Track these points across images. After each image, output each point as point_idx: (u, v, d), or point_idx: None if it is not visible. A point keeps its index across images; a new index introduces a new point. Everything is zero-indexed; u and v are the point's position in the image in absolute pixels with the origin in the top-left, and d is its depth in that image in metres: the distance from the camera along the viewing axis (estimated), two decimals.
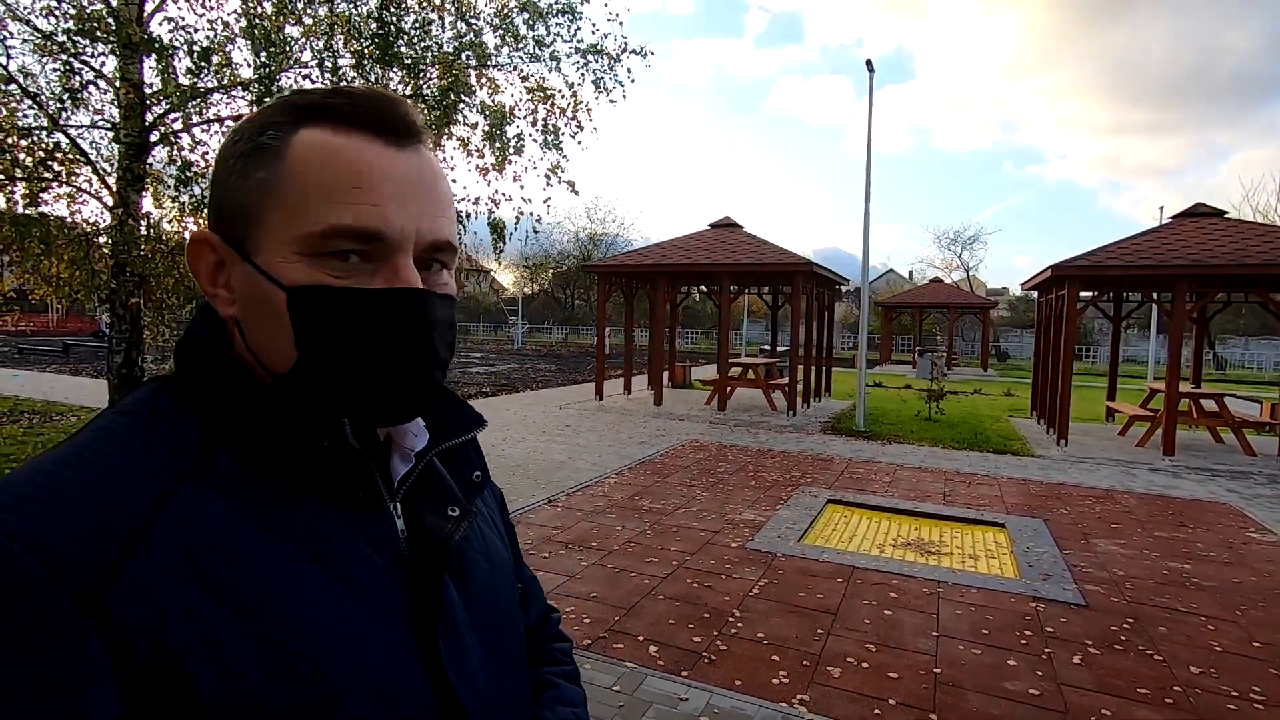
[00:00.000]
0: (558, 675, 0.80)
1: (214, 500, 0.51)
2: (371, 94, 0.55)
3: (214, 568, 0.48)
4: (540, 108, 6.12)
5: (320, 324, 0.52)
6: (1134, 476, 8.14)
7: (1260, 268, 8.44)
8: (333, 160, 0.53)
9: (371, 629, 0.53)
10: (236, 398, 0.54)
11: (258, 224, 0.54)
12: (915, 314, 28.80)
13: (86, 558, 0.45)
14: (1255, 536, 5.83)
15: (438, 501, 0.64)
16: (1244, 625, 3.99)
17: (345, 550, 0.54)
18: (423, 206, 0.55)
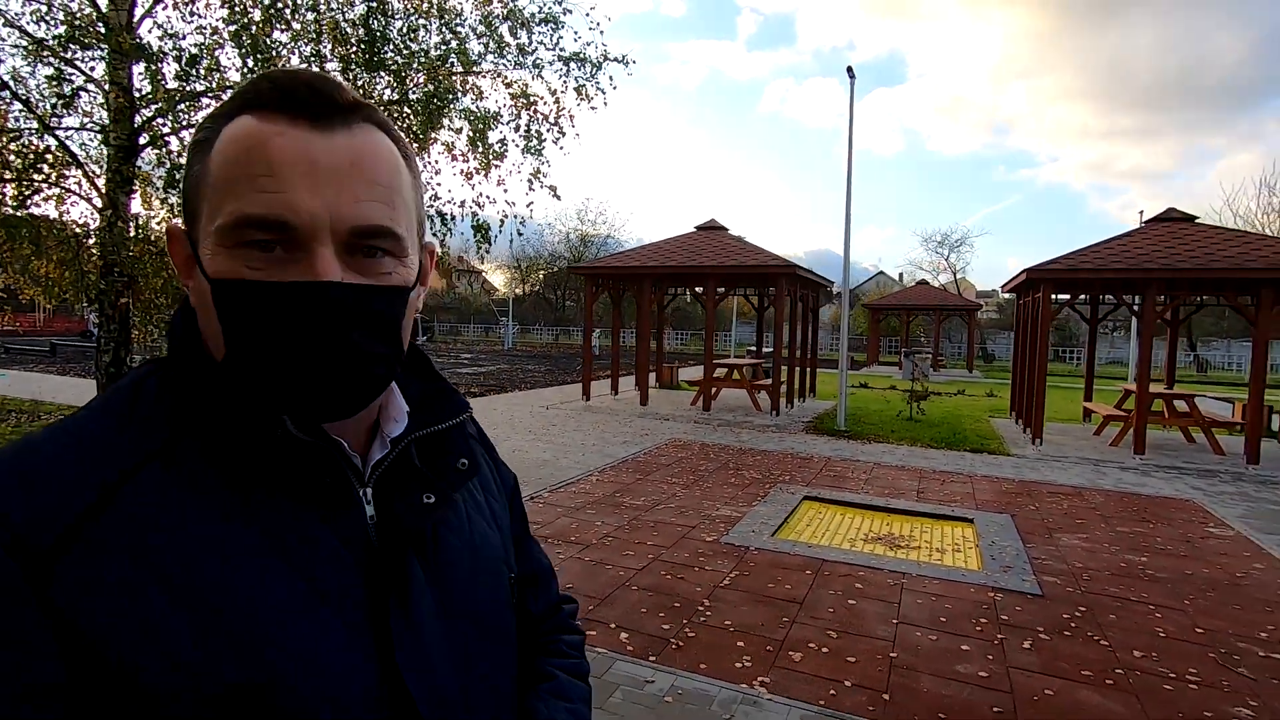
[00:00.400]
0: (559, 668, 0.77)
1: (172, 484, 0.51)
2: (293, 76, 0.53)
3: (162, 551, 0.48)
4: (523, 114, 6.28)
5: (236, 317, 0.52)
6: (1104, 474, 8.36)
7: (1226, 271, 8.69)
8: (245, 148, 0.51)
9: (322, 617, 0.53)
10: (199, 387, 0.55)
11: (196, 217, 0.54)
12: (902, 316, 29.09)
13: (39, 530, 0.46)
14: (1213, 531, 6.04)
15: (414, 488, 0.62)
16: (1190, 613, 4.18)
17: (303, 538, 0.54)
18: (344, 190, 0.52)
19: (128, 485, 0.50)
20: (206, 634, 0.48)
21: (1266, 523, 6.35)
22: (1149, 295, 9.25)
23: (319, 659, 0.51)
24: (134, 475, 0.50)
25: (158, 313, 6.78)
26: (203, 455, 0.53)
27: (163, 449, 0.52)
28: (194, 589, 0.48)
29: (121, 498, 0.49)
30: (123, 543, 0.48)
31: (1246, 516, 6.54)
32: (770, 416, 11.67)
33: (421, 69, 6.30)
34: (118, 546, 0.48)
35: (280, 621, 0.51)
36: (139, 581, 0.47)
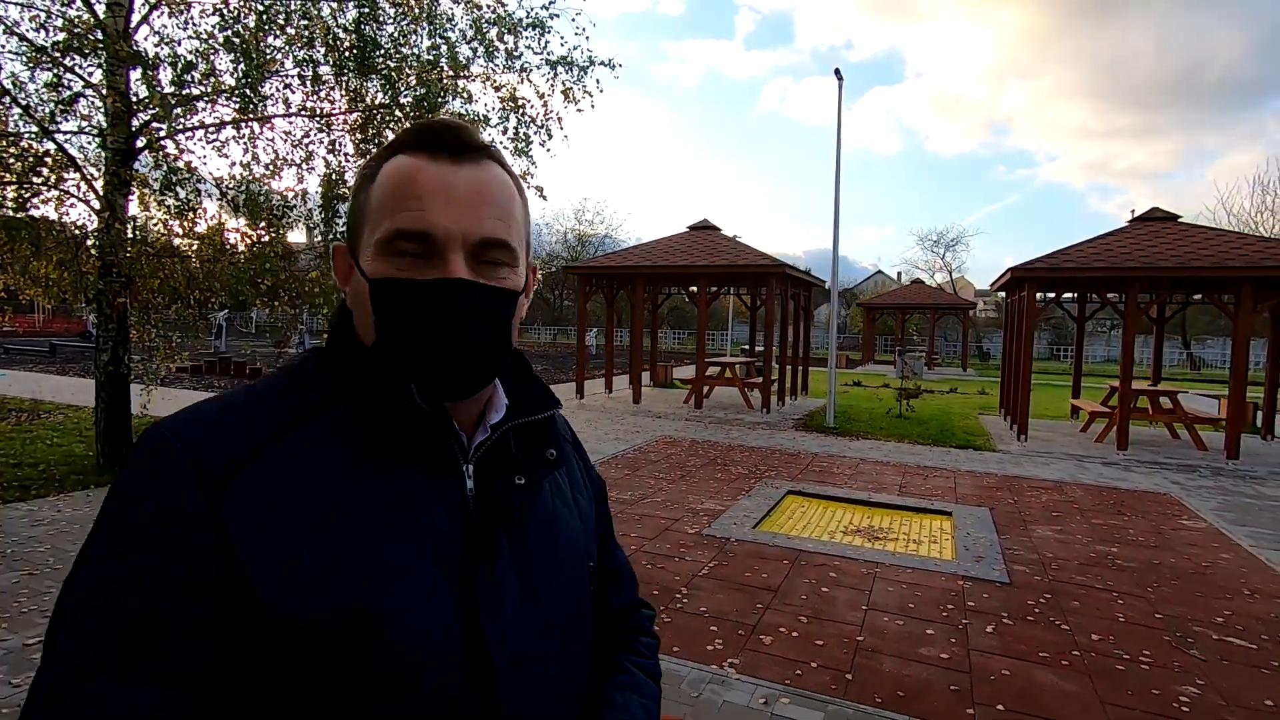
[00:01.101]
0: (635, 664, 0.84)
1: (320, 437, 0.64)
2: (437, 124, 0.68)
3: (304, 488, 0.61)
4: (512, 116, 6.42)
5: (386, 307, 0.65)
6: (1086, 469, 8.51)
7: (1206, 270, 8.84)
8: (399, 179, 0.66)
9: (425, 565, 0.63)
10: (348, 365, 0.68)
11: (359, 234, 0.68)
12: (897, 315, 29.23)
13: (215, 455, 0.60)
14: (1186, 523, 6.19)
15: (507, 470, 0.72)
16: (1151, 600, 4.33)
17: (417, 499, 0.65)
18: (472, 210, 0.66)
19: (287, 434, 0.63)
20: (331, 565, 0.59)
21: (1239, 515, 6.50)
22: (1131, 293, 9.40)
23: (420, 601, 0.61)
24: (291, 427, 0.63)
25: (156, 312, 6.93)
26: (346, 418, 0.66)
27: (314, 410, 0.65)
28: (326, 524, 0.60)
29: (280, 443, 0.62)
30: (275, 478, 0.60)
31: (1220, 509, 6.69)
32: (761, 414, 11.81)
33: (412, 72, 6.44)
34: (271, 480, 0.60)
35: (393, 564, 0.61)
36: (283, 510, 0.59)
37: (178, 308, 6.83)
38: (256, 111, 6.33)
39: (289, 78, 6.23)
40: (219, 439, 0.61)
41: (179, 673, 0.55)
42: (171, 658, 0.55)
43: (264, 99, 6.39)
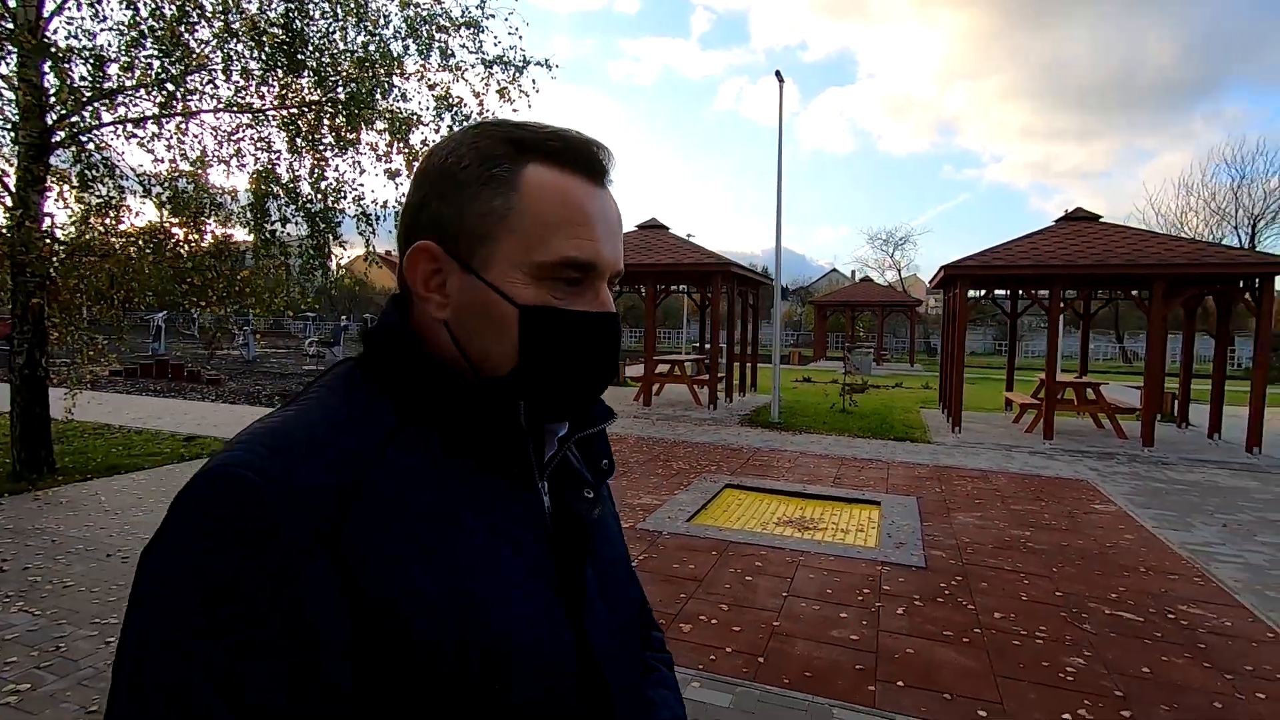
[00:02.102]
0: (657, 661, 0.87)
1: (411, 464, 0.58)
2: (581, 138, 0.64)
3: (415, 519, 0.56)
4: (446, 115, 6.39)
5: (545, 338, 0.62)
6: (1013, 459, 8.88)
7: (1121, 267, 9.31)
8: (564, 199, 0.61)
9: (532, 592, 0.61)
10: (429, 383, 0.62)
11: (489, 244, 0.61)
12: (847, 312, 29.89)
13: (323, 498, 0.52)
14: (1098, 508, 6.53)
15: (575, 483, 0.71)
16: (1055, 580, 4.58)
17: (510, 517, 0.62)
18: (617, 241, 0.65)
19: (380, 460, 0.57)
20: (456, 596, 0.55)
21: (1146, 499, 6.88)
22: (1054, 290, 9.84)
23: (537, 622, 0.60)
24: (382, 452, 0.57)
25: (77, 313, 6.68)
26: (428, 439, 0.61)
27: (394, 433, 0.59)
28: (444, 556, 0.56)
29: (377, 471, 0.56)
30: (385, 510, 0.55)
31: (1130, 494, 7.08)
32: (709, 410, 11.98)
33: (346, 69, 6.36)
34: (381, 513, 0.54)
35: (509, 589, 0.59)
36: (400, 545, 0.54)
37: (100, 308, 6.60)
38: (181, 105, 6.18)
39: (215, 72, 6.09)
40: (313, 473, 0.53)
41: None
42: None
43: (190, 93, 6.24)
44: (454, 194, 0.62)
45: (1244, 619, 4.03)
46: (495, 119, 0.66)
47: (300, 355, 23.13)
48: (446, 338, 0.63)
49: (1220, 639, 3.75)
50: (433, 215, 0.62)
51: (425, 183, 0.63)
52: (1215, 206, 32.84)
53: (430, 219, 0.63)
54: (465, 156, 0.62)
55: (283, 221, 6.50)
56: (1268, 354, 9.07)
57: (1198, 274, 9.10)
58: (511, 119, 0.65)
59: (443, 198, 0.62)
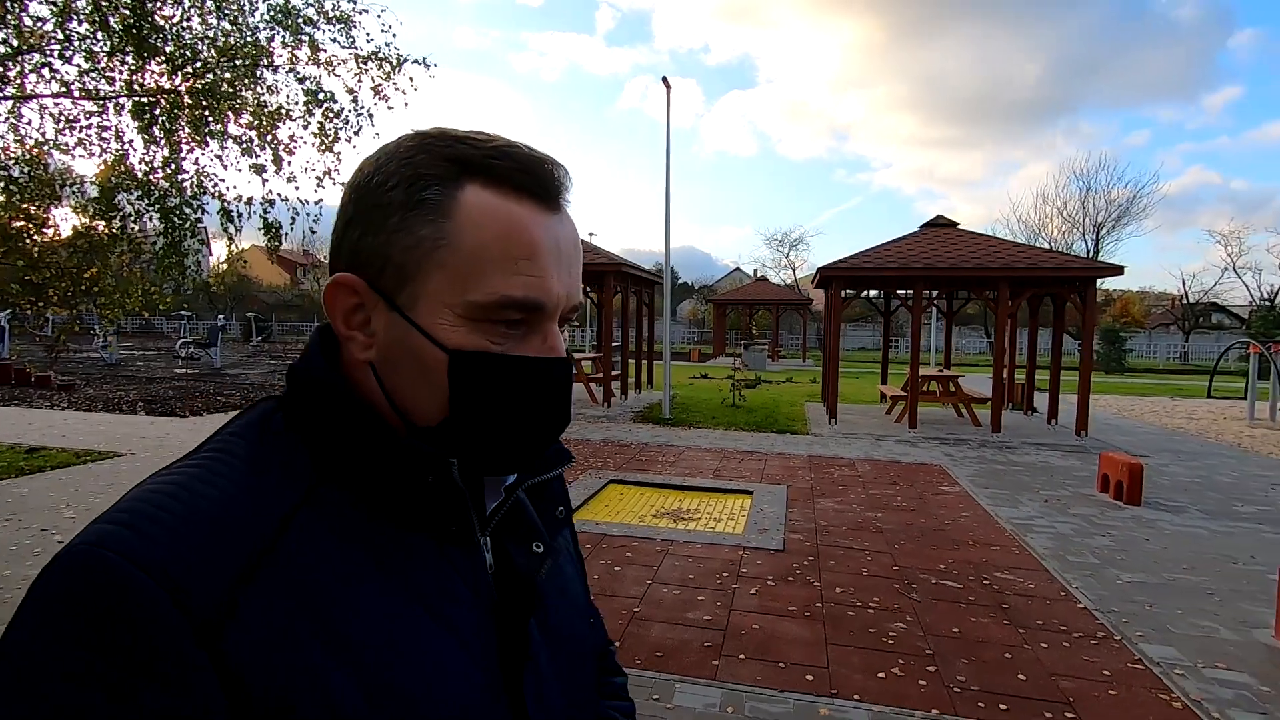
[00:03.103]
0: (616, 710, 0.80)
1: (323, 534, 0.51)
2: (531, 155, 0.55)
3: (322, 603, 0.49)
4: (316, 111, 6.22)
5: (479, 387, 0.53)
6: (879, 447, 9.60)
7: (973, 270, 10.25)
8: (506, 228, 0.52)
9: (464, 669, 0.54)
10: (352, 436, 0.54)
11: (416, 280, 0.53)
12: (744, 310, 30.98)
13: (206, 588, 0.44)
14: (944, 489, 7.21)
15: (524, 536, 0.63)
16: (895, 556, 5.06)
17: (441, 587, 0.55)
18: (572, 274, 0.56)
19: (285, 535, 0.49)
20: (371, 688, 0.48)
21: (987, 480, 7.65)
22: (916, 290, 10.70)
23: (465, 703, 0.53)
24: (289, 524, 0.50)
25: None
26: (345, 504, 0.53)
27: (308, 496, 0.52)
28: (355, 642, 0.49)
29: (280, 547, 0.49)
30: (285, 595, 0.47)
31: (974, 476, 7.84)
32: (602, 408, 12.18)
33: (204, 58, 6.05)
34: (281, 599, 0.47)
35: (435, 674, 0.52)
36: (304, 634, 0.47)
37: None
38: (14, 87, 5.68)
39: (51, 52, 5.64)
40: (198, 564, 0.45)
41: None
42: None
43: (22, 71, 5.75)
44: (378, 219, 0.53)
45: (1045, 581, 4.61)
46: (436, 128, 0.55)
47: (171, 357, 21.51)
48: (373, 381, 0.56)
49: (1021, 599, 4.29)
50: (355, 243, 0.54)
51: (349, 204, 0.55)
52: (1067, 215, 36.43)
53: (352, 247, 0.55)
54: (393, 175, 0.53)
55: (136, 216, 6.11)
56: (1090, 348, 10.24)
57: (1034, 277, 10.16)
58: (454, 129, 0.55)
59: (366, 223, 0.54)
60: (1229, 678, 3.37)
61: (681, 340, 43.06)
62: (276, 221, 6.01)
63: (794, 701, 3.07)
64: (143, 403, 11.73)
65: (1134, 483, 6.67)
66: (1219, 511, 6.53)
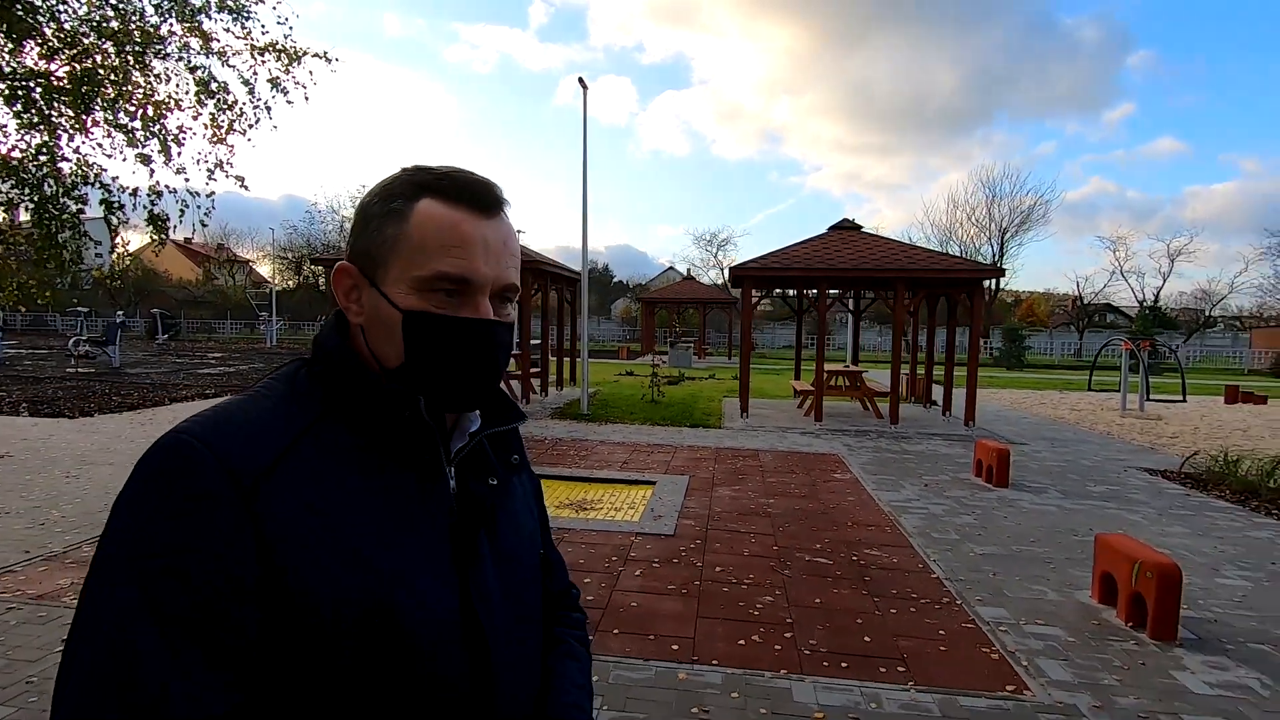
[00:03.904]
0: (570, 636, 0.99)
1: (326, 447, 0.72)
2: (469, 177, 0.77)
3: (325, 494, 0.69)
4: (209, 102, 6.08)
5: (424, 338, 0.74)
6: (785, 439, 10.05)
7: (871, 271, 10.85)
8: (442, 227, 0.74)
9: (428, 561, 0.73)
10: (350, 382, 0.76)
11: (385, 264, 0.75)
12: (673, 308, 31.45)
13: (245, 466, 0.66)
14: (836, 476, 7.66)
15: (483, 472, 0.83)
16: (776, 537, 5.40)
17: (412, 499, 0.75)
18: (500, 260, 0.77)
19: (298, 444, 0.70)
20: (351, 559, 0.68)
21: (877, 467, 8.17)
22: (821, 289, 11.23)
23: (425, 591, 0.72)
24: (301, 438, 0.71)
25: None
26: (346, 429, 0.74)
27: (316, 422, 0.73)
28: (343, 526, 0.69)
29: (294, 453, 0.70)
30: (297, 485, 0.68)
31: (866, 464, 8.35)
32: (521, 405, 12.24)
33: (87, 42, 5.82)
34: (294, 487, 0.68)
35: (401, 559, 0.71)
36: (306, 510, 0.67)
37: None
38: None
39: None
40: (241, 445, 0.68)
41: (234, 652, 0.63)
42: (227, 645, 0.63)
43: None
44: (365, 226, 0.77)
45: (908, 556, 5.04)
46: (412, 166, 0.79)
47: (64, 356, 20.17)
48: (363, 340, 0.78)
49: (883, 572, 4.68)
50: (353, 244, 0.79)
51: (356, 218, 0.80)
52: (975, 220, 38.58)
53: (351, 246, 0.80)
54: (377, 196, 0.77)
55: (9, 205, 5.82)
56: (978, 345, 11.01)
57: (926, 278, 10.85)
58: (424, 164, 0.79)
59: (359, 229, 0.78)
60: (1044, 632, 3.82)
61: (614, 338, 43.30)
62: (164, 214, 5.85)
63: (656, 669, 3.30)
64: (26, 403, 11.04)
65: (1001, 467, 7.28)
66: (1074, 491, 7.21)
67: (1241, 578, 4.77)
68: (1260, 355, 34.04)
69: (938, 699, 3.09)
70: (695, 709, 2.96)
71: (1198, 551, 5.30)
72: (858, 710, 2.99)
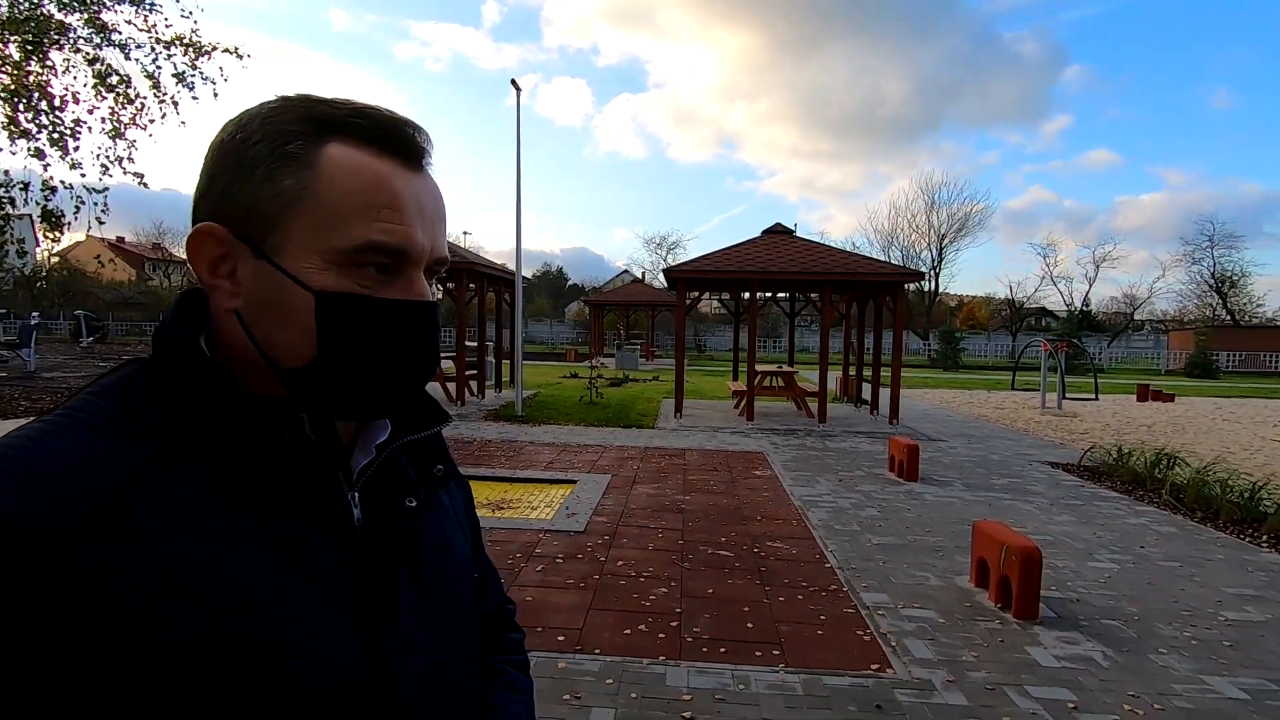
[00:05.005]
0: (509, 664, 0.83)
1: (177, 492, 0.53)
2: (391, 117, 0.59)
3: (167, 555, 0.50)
4: (109, 95, 5.91)
5: (347, 328, 0.56)
6: (715, 438, 10.23)
7: (799, 275, 11.16)
8: (368, 181, 0.56)
9: (326, 618, 0.56)
10: (204, 394, 0.56)
11: (280, 228, 0.56)
12: (621, 311, 31.58)
13: (54, 530, 0.47)
14: (757, 473, 7.85)
15: (396, 493, 0.66)
16: (684, 533, 5.52)
17: (296, 536, 0.57)
18: (435, 227, 0.60)
19: (135, 485, 0.51)
20: (220, 633, 0.51)
21: (798, 464, 8.40)
22: (752, 291, 11.50)
23: (315, 648, 0.55)
24: (140, 475, 0.52)
25: None
26: (201, 456, 0.55)
27: (162, 448, 0.54)
28: (202, 582, 0.51)
29: (129, 497, 0.51)
30: (135, 540, 0.50)
31: (788, 461, 8.58)
32: (456, 406, 12.16)
33: None
34: (132, 544, 0.49)
35: (287, 625, 0.54)
36: (145, 586, 0.49)
37: None
38: None
39: None
40: (45, 496, 0.48)
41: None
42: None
43: None
44: (242, 173, 0.56)
45: (808, 548, 5.22)
46: (297, 94, 0.59)
47: None
48: (239, 330, 0.58)
49: (781, 563, 4.85)
50: (219, 196, 0.57)
51: (211, 162, 0.58)
52: (915, 226, 39.86)
53: (216, 201, 0.57)
54: (255, 133, 0.57)
55: None
56: (900, 346, 11.42)
57: (852, 281, 11.21)
58: (314, 94, 0.59)
59: (230, 178, 0.57)
60: (918, 615, 4.03)
61: (567, 341, 43.20)
62: (58, 210, 5.66)
63: (538, 658, 3.36)
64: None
65: (911, 462, 7.59)
66: (978, 484, 7.57)
67: (1111, 560, 5.10)
68: (1176, 356, 36.08)
69: (803, 679, 3.24)
70: (568, 695, 3.04)
71: (1078, 538, 5.64)
72: (724, 691, 3.11)
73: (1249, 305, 43.55)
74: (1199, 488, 6.78)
